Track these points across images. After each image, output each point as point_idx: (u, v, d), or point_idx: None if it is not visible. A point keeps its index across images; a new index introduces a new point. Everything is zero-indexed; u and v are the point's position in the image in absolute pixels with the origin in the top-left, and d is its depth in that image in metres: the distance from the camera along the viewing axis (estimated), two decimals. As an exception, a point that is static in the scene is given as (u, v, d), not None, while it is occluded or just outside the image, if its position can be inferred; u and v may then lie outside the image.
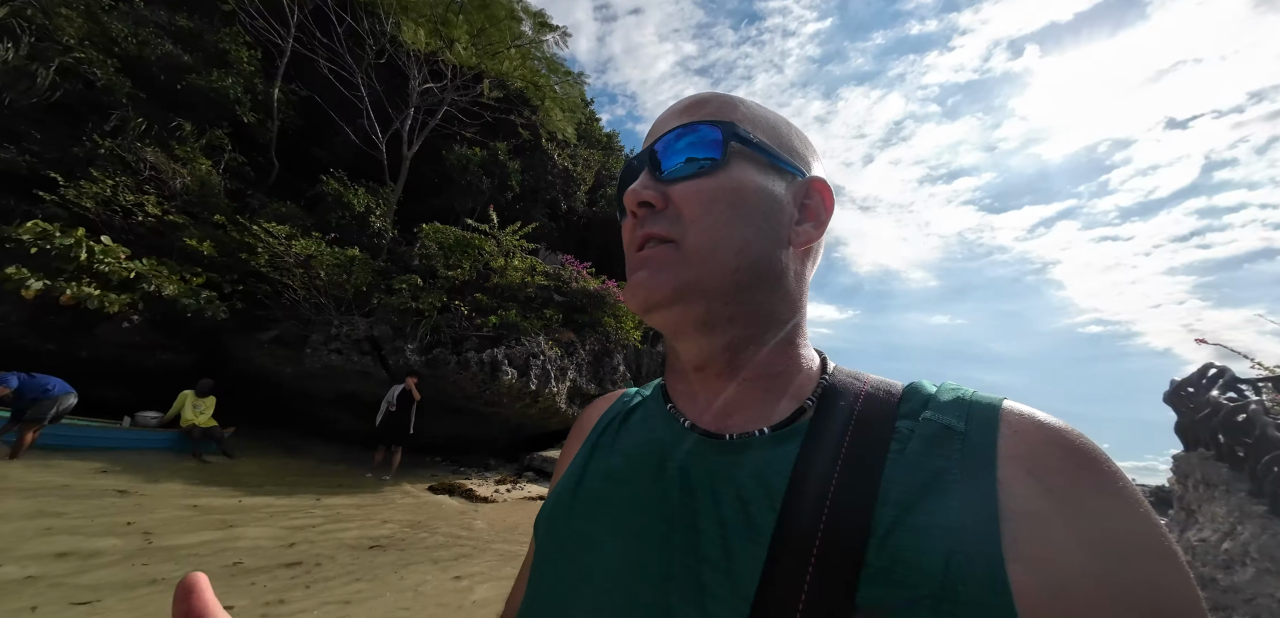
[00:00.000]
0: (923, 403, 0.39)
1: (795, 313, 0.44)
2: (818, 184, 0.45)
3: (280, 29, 10.77)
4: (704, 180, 0.41)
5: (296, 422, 9.20)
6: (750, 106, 0.45)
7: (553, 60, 14.16)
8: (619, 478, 0.44)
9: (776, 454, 0.38)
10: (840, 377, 0.43)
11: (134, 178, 8.09)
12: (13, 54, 8.10)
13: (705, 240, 0.40)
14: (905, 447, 0.36)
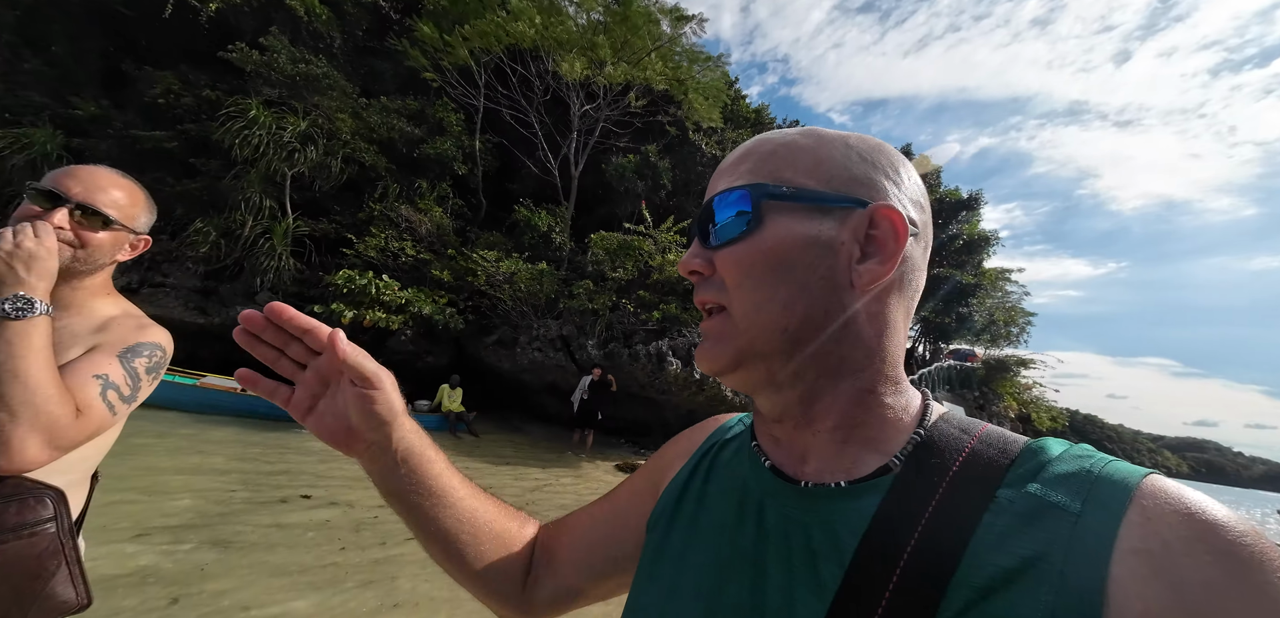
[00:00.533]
0: (1035, 471, 0.34)
1: (873, 359, 0.40)
2: (883, 211, 0.39)
3: (473, 91, 13.35)
4: (740, 246, 0.40)
5: (520, 406, 11.53)
6: (794, 146, 0.42)
7: (692, 51, 14.64)
8: (709, 506, 0.47)
9: (850, 509, 0.37)
10: (942, 429, 0.40)
11: (396, 230, 11.02)
12: (315, 154, 11.65)
13: (748, 306, 0.40)
14: (998, 522, 0.33)
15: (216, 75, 12.22)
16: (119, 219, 0.98)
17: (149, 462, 4.83)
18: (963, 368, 17.87)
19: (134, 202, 1.02)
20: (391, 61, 14.40)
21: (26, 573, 0.87)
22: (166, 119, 11.45)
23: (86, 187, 0.95)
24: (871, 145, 0.43)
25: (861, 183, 0.41)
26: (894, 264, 0.39)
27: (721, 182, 0.43)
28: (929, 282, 4.25)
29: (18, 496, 0.86)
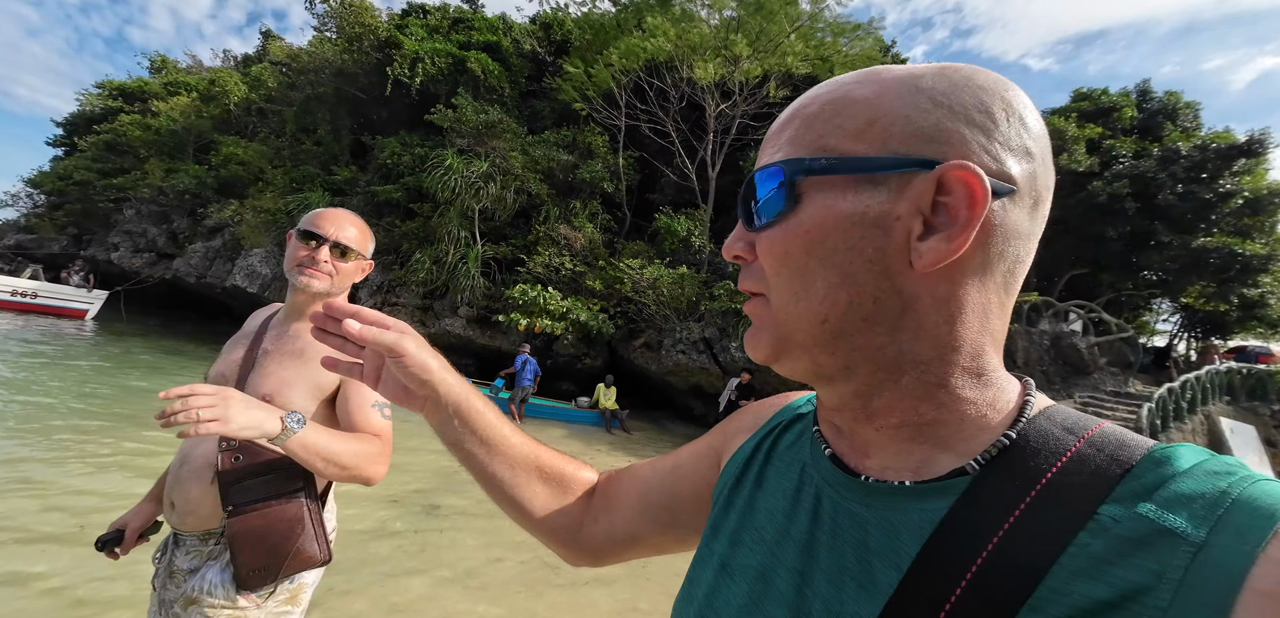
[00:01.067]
0: (1153, 487, 0.29)
1: (945, 350, 0.35)
2: (955, 174, 0.32)
3: (615, 112, 14.58)
4: (776, 230, 0.37)
5: (668, 406, 12.30)
6: (846, 101, 0.36)
7: (836, 23, 13.80)
8: (767, 488, 0.46)
9: (914, 511, 0.34)
10: (1039, 428, 0.34)
11: (557, 247, 12.63)
12: (495, 189, 13.84)
13: (785, 297, 0.37)
14: (1094, 544, 0.28)
15: (424, 135, 15.46)
16: (357, 249, 1.24)
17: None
18: (1252, 371, 13.43)
19: (363, 234, 1.28)
20: (548, 100, 16.50)
21: (282, 534, 1.09)
22: (393, 175, 14.88)
23: (336, 226, 1.22)
24: (953, 81, 0.35)
25: (928, 137, 0.33)
26: (967, 238, 0.32)
27: (764, 153, 0.39)
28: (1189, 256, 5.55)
29: (278, 469, 1.11)
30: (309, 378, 1.15)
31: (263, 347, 1.21)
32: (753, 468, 0.50)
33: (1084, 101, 17.26)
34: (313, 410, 1.14)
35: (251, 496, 1.08)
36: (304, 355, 1.17)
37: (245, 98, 20.06)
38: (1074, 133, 13.87)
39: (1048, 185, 0.37)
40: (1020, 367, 12.64)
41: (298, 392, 1.14)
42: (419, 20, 18.38)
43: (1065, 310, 14.92)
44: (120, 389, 7.49)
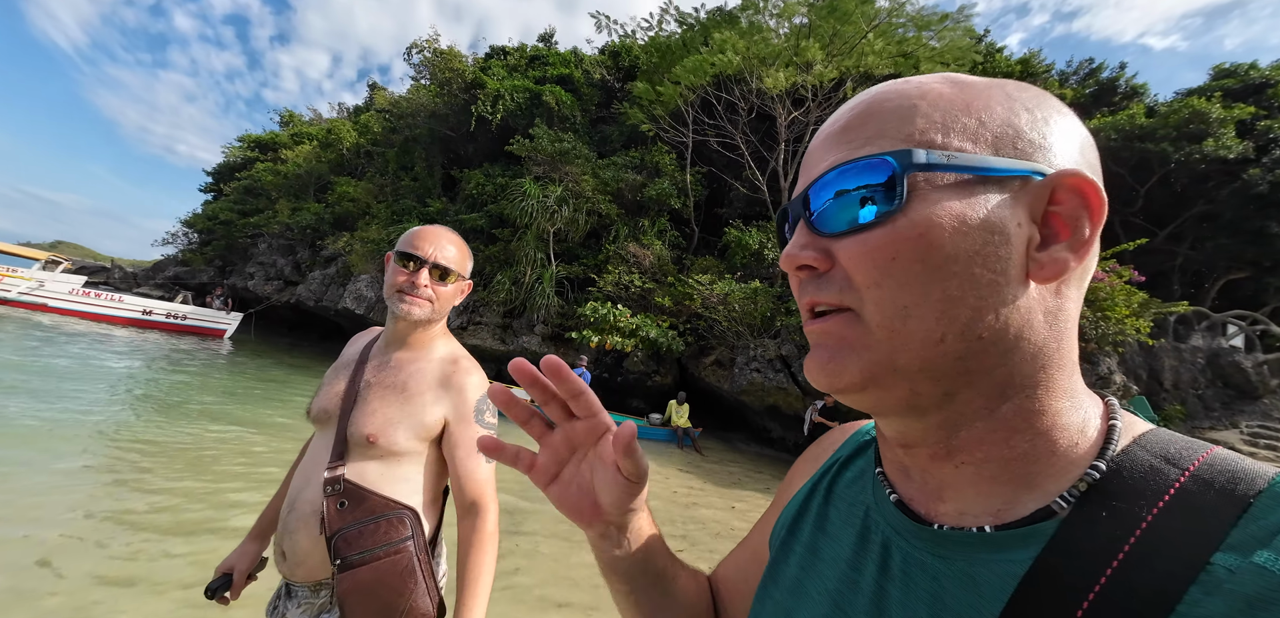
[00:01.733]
0: (1275, 530, 0.25)
1: (1050, 369, 0.33)
2: (1072, 182, 0.31)
3: (682, 129, 14.83)
4: (877, 233, 0.32)
5: (743, 427, 12.08)
6: (940, 97, 0.34)
7: (919, 16, 13.06)
8: (830, 533, 0.43)
9: (998, 563, 0.31)
10: (1135, 459, 0.31)
11: (626, 265, 13.00)
12: (568, 212, 14.52)
13: (890, 312, 0.32)
14: (1206, 602, 0.25)
15: (505, 165, 16.70)
16: (456, 269, 1.18)
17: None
18: None
19: (463, 252, 1.23)
20: (617, 124, 17.19)
21: (394, 588, 1.01)
22: (478, 204, 16.18)
23: (435, 246, 1.15)
24: (1036, 95, 0.35)
25: (1037, 145, 0.32)
26: (1090, 249, 0.32)
27: (835, 151, 0.35)
28: None
29: (385, 516, 1.04)
30: (414, 416, 1.11)
31: (365, 378, 1.16)
32: (812, 507, 0.47)
33: (1229, 79, 14.92)
34: (417, 450, 1.11)
35: (360, 547, 1.02)
36: (407, 390, 1.12)
37: (356, 143, 22.87)
38: (1219, 114, 12.02)
39: None
40: (1168, 389, 10.97)
41: (402, 432, 1.09)
42: (500, 61, 20.03)
43: (1222, 323, 12.81)
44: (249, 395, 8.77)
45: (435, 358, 1.17)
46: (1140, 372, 10.60)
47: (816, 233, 0.36)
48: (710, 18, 15.15)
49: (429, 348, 1.19)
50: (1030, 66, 16.98)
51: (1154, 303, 10.16)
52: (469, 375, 1.16)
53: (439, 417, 1.12)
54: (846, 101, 0.36)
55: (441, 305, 1.18)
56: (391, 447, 1.08)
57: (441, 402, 1.12)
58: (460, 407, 1.12)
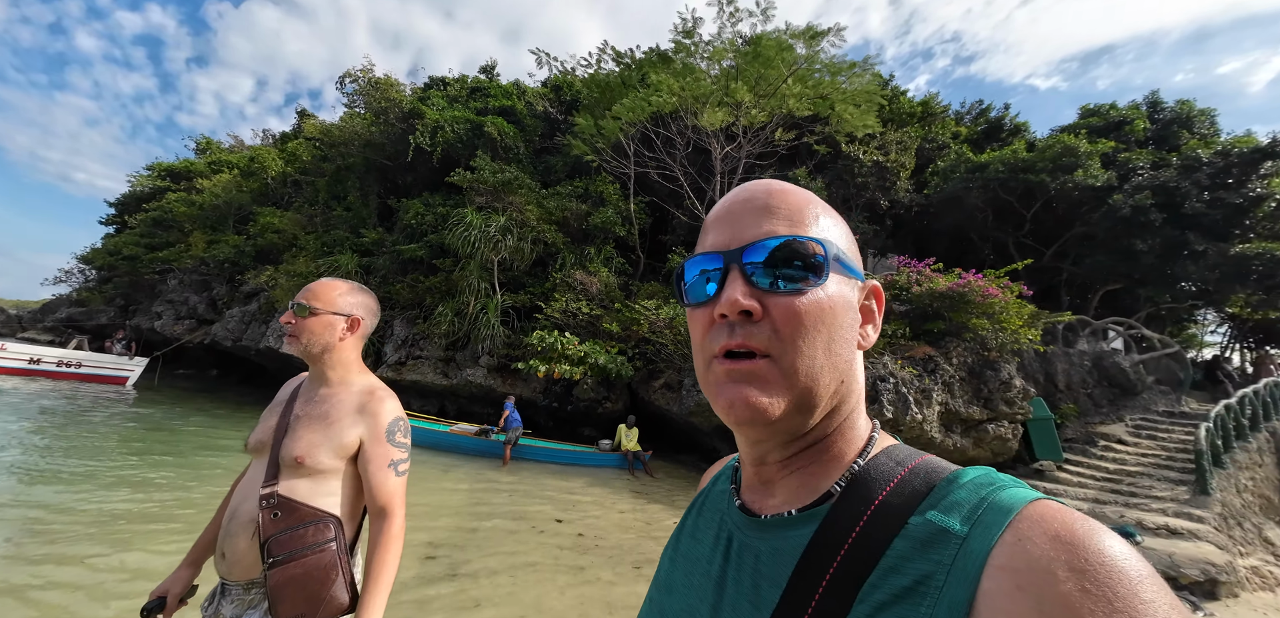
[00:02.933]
0: (940, 499, 0.39)
1: (856, 407, 0.47)
2: (876, 289, 0.48)
3: (624, 161, 15.40)
4: (806, 299, 0.42)
5: (694, 449, 12.39)
6: (826, 207, 0.47)
7: (833, 64, 14.42)
8: (696, 537, 0.54)
9: (792, 537, 0.42)
10: (880, 461, 0.44)
11: (573, 292, 13.19)
12: (513, 241, 14.54)
13: (806, 362, 0.42)
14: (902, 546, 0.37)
15: (446, 195, 16.54)
16: (320, 307, 1.34)
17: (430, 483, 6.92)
18: None
19: (331, 291, 1.38)
20: (561, 155, 17.55)
21: (318, 580, 1.21)
22: (417, 234, 15.86)
23: (304, 293, 1.37)
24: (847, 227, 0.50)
25: (859, 260, 0.49)
26: (879, 328, 0.48)
27: (771, 223, 0.44)
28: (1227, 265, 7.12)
29: (312, 522, 1.24)
30: (334, 438, 1.29)
31: (295, 412, 1.35)
32: (687, 522, 0.58)
33: (1093, 118, 17.44)
34: (337, 468, 1.30)
35: (289, 547, 1.20)
36: (329, 418, 1.31)
37: (282, 171, 21.81)
38: (1086, 148, 14.02)
39: None
40: (1062, 390, 12.38)
41: (324, 452, 1.28)
42: (440, 92, 19.97)
43: (1104, 329, 14.65)
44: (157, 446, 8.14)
45: (354, 390, 1.36)
46: (1038, 376, 11.95)
47: (752, 285, 0.43)
48: (645, 58, 15.98)
49: (348, 382, 1.38)
50: (930, 108, 19.05)
51: (1043, 314, 11.52)
52: (383, 403, 1.36)
53: (355, 437, 1.31)
54: (763, 181, 0.49)
55: (310, 338, 1.34)
56: (316, 466, 1.27)
57: (358, 425, 1.31)
58: (373, 428, 1.31)
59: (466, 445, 10.24)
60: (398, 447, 1.34)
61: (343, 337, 1.37)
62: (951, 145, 16.94)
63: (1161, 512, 7.43)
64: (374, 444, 1.31)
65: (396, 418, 1.36)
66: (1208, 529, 6.83)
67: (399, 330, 14.31)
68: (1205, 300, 16.44)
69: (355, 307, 1.41)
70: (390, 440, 1.33)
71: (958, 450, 9.43)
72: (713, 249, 0.46)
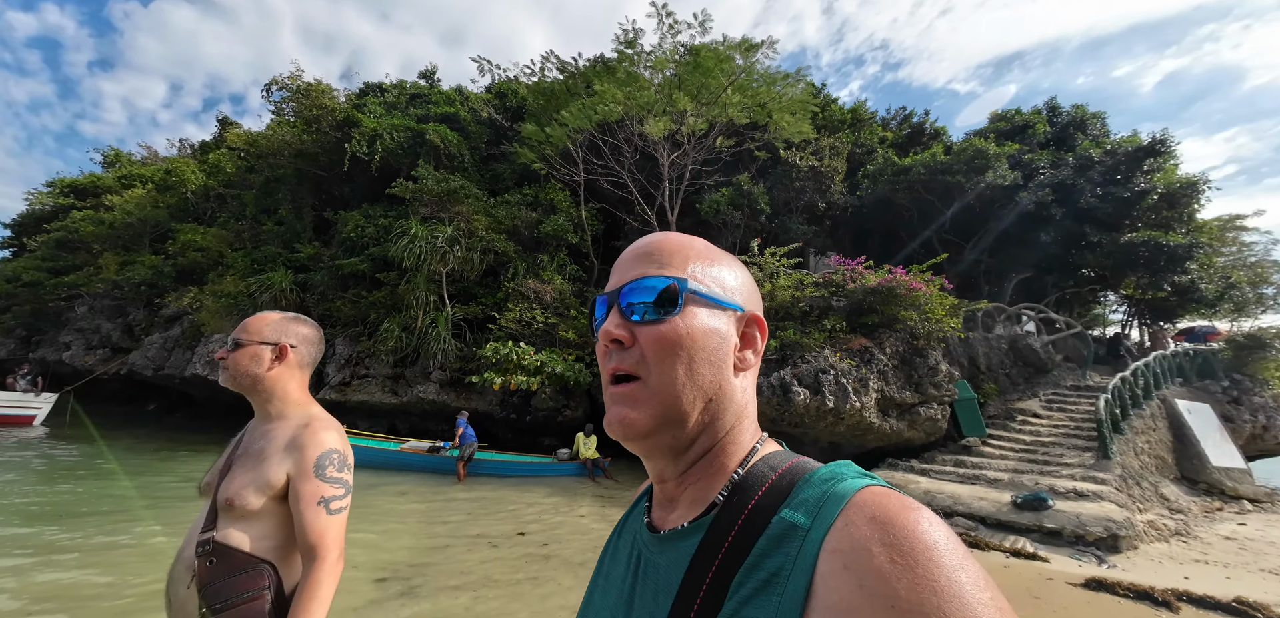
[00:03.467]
0: (794, 497, 0.43)
1: (739, 420, 0.52)
2: (755, 318, 0.53)
3: (573, 168, 15.43)
4: (664, 326, 0.48)
5: None
6: (701, 252, 0.54)
7: (769, 74, 15.07)
8: (615, 557, 0.58)
9: (683, 547, 0.46)
10: (757, 467, 0.49)
11: (527, 302, 13.07)
12: (461, 251, 14.17)
13: (667, 380, 0.48)
14: (762, 545, 0.41)
15: (387, 206, 15.95)
16: (245, 338, 1.31)
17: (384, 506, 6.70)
18: (1198, 353, 14.47)
19: (258, 321, 1.36)
20: (507, 163, 17.33)
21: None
22: (357, 247, 15.22)
23: (235, 328, 1.35)
24: (735, 262, 0.56)
25: (737, 292, 0.53)
26: (760, 354, 0.53)
27: (638, 267, 0.52)
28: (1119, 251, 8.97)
29: (246, 570, 1.18)
30: (262, 476, 1.23)
31: (239, 451, 1.31)
32: (611, 543, 0.62)
33: (1001, 123, 19.09)
34: (269, 509, 1.23)
35: (224, 595, 1.17)
36: (262, 455, 1.25)
37: (203, 185, 20.29)
38: (995, 150, 15.33)
39: None
40: (984, 371, 13.44)
41: (251, 492, 1.21)
42: (377, 99, 19.25)
43: (1017, 314, 16.00)
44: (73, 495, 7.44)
45: (290, 423, 1.30)
46: (962, 360, 12.93)
47: (625, 319, 0.51)
48: (589, 67, 16.08)
49: (285, 416, 1.32)
50: (859, 115, 20.24)
51: (964, 303, 12.48)
52: (315, 435, 1.27)
53: (283, 474, 1.23)
54: (655, 235, 0.56)
55: (235, 371, 1.30)
56: (246, 507, 1.20)
57: (287, 460, 1.24)
58: (301, 463, 1.23)
59: (419, 464, 9.96)
60: (330, 482, 1.25)
61: (270, 367, 1.31)
62: (879, 150, 18.06)
63: (1071, 477, 8.27)
64: (301, 480, 1.23)
65: (328, 451, 1.27)
66: (1109, 490, 7.67)
67: (341, 349, 13.68)
68: (1103, 284, 18.35)
69: (284, 334, 1.34)
70: (319, 475, 1.24)
71: (894, 433, 10.09)
72: (607, 290, 0.55)
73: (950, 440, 10.79)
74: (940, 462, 9.77)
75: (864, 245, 15.66)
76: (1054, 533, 6.76)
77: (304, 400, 1.37)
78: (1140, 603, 4.61)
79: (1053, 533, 6.77)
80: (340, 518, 1.24)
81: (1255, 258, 18.93)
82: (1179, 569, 5.78)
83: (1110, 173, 15.42)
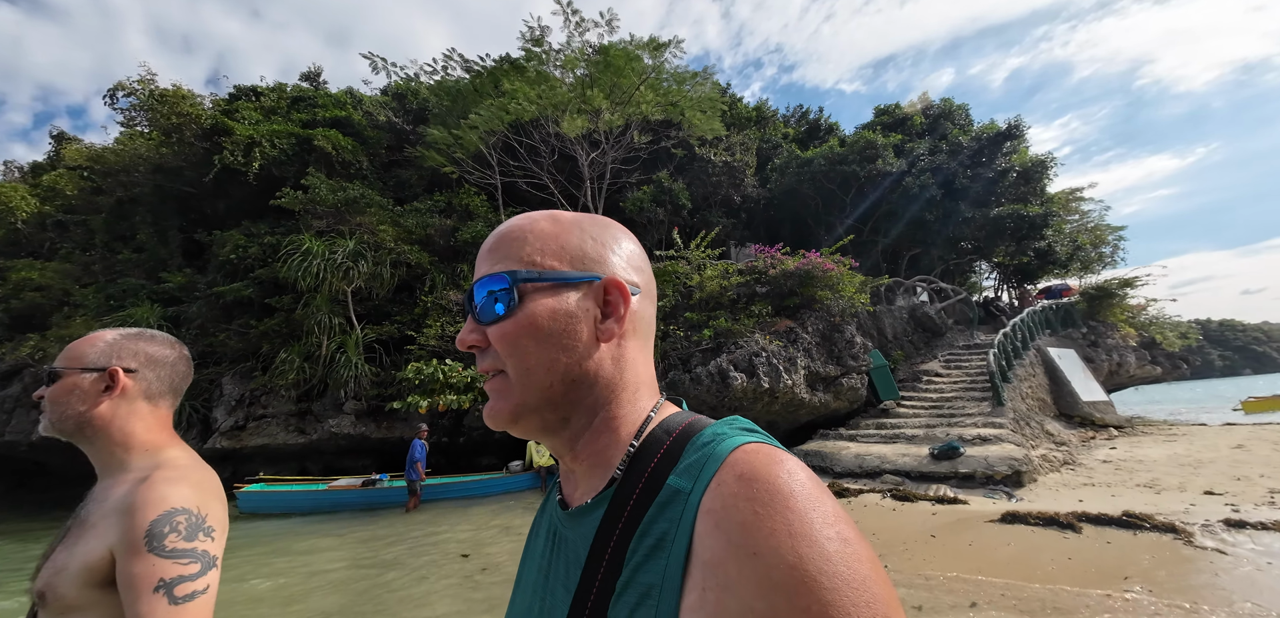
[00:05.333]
0: (681, 461, 0.44)
1: (616, 391, 0.52)
2: (611, 282, 0.51)
3: (488, 171, 14.84)
4: (507, 322, 0.49)
5: None
6: (541, 232, 0.53)
7: (678, 73, 15.53)
8: (536, 534, 0.60)
9: (588, 522, 0.47)
10: (653, 436, 0.49)
11: (449, 315, 12.34)
12: (367, 266, 12.99)
13: (519, 370, 0.49)
14: (652, 511, 0.42)
15: (273, 222, 14.31)
16: (64, 366, 1.00)
17: (314, 560, 5.98)
18: (1060, 306, 17.07)
19: (81, 345, 1.04)
20: (413, 168, 16.27)
21: None
22: (241, 271, 13.48)
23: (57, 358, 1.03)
24: (600, 224, 0.55)
25: (595, 260, 0.52)
26: (625, 322, 0.51)
27: (483, 266, 0.52)
28: (990, 224, 10.98)
29: None
30: (80, 557, 0.89)
31: (76, 520, 0.97)
32: (534, 523, 0.63)
33: (884, 116, 21.31)
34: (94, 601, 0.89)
35: None
36: (85, 525, 0.93)
37: (37, 212, 16.90)
38: (882, 142, 17.04)
39: (653, 283, 0.58)
40: (891, 340, 14.85)
41: (65, 580, 0.89)
42: (251, 103, 17.18)
43: (913, 286, 17.89)
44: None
45: (131, 476, 0.96)
46: (872, 332, 14.21)
47: (478, 322, 0.52)
48: (497, 66, 15.54)
49: (127, 468, 0.98)
50: (763, 112, 21.57)
51: (869, 280, 13.73)
52: (153, 490, 0.91)
53: (104, 551, 0.88)
54: (507, 221, 0.55)
55: (53, 412, 0.99)
56: (61, 601, 0.88)
57: (110, 532, 0.88)
58: (128, 533, 0.87)
59: (353, 501, 9.03)
60: (173, 558, 0.87)
61: (98, 402, 0.98)
62: (783, 144, 19.33)
63: (974, 425, 9.38)
64: (127, 558, 0.85)
65: (168, 512, 0.89)
66: (1007, 433, 8.80)
67: (230, 389, 12.07)
68: (978, 254, 21.03)
69: (118, 356, 1.01)
70: (154, 548, 0.86)
71: (822, 405, 10.85)
72: (466, 290, 0.57)
73: (870, 406, 11.80)
74: (864, 427, 10.64)
75: (777, 235, 16.63)
76: (968, 477, 7.62)
77: (155, 444, 1.02)
78: (1050, 529, 5.34)
79: (967, 477, 7.63)
80: (194, 608, 0.86)
81: (1094, 223, 22.71)
82: (1073, 494, 6.77)
83: (976, 156, 17.71)
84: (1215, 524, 5.13)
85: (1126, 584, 3.89)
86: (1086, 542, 4.94)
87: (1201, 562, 4.26)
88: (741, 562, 0.34)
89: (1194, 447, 9.43)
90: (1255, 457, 8.16)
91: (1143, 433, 11.76)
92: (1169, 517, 5.29)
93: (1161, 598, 3.62)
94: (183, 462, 1.00)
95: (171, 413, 1.07)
